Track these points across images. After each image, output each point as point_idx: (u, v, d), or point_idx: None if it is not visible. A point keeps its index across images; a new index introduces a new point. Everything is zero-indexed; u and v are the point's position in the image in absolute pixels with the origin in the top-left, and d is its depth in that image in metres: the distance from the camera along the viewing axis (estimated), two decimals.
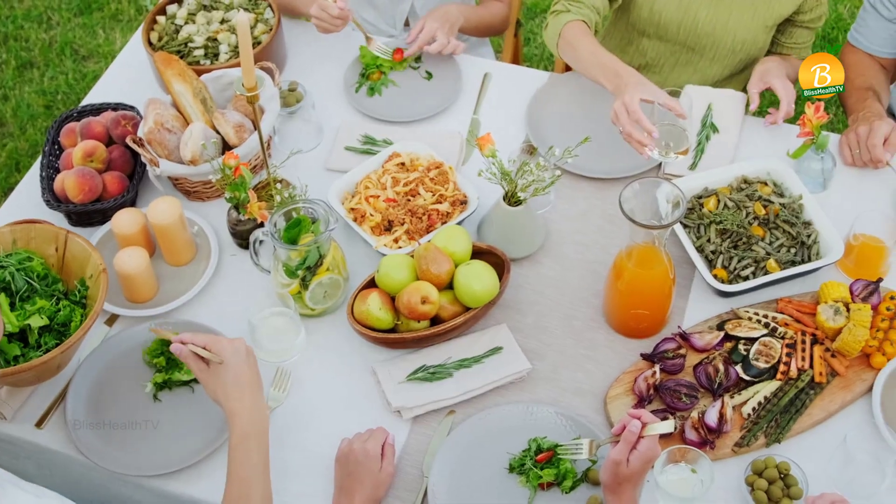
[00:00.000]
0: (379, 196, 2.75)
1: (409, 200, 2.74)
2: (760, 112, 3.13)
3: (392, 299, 2.52)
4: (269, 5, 3.20)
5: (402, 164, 2.83)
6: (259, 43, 3.10)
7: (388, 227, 2.71)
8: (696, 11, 3.09)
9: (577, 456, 2.30)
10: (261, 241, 2.62)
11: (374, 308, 2.48)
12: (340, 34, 3.22)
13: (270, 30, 3.12)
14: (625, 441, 2.11)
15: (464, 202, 2.76)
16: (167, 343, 2.48)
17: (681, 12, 3.10)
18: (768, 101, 4.02)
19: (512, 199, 2.62)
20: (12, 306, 2.43)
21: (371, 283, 2.57)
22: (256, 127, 2.61)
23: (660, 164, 2.91)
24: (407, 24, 3.52)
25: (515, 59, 3.83)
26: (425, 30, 3.14)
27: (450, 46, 3.14)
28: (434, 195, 2.75)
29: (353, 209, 2.74)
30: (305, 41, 3.31)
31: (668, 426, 2.11)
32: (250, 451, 2.14)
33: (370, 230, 2.71)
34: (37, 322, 2.40)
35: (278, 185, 2.75)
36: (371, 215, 2.72)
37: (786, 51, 3.24)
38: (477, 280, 2.49)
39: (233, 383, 2.18)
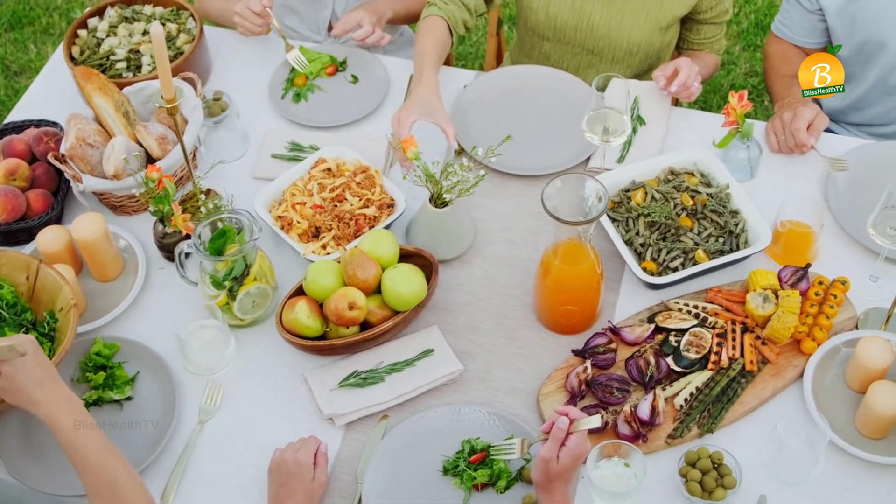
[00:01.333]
0: (305, 203, 2.73)
1: (336, 206, 2.72)
2: (697, 104, 3.15)
3: (320, 306, 2.50)
4: (192, 15, 3.17)
5: (329, 169, 2.81)
6: (181, 53, 3.07)
7: (316, 233, 2.69)
8: (589, 14, 3.11)
9: (510, 456, 2.30)
10: (187, 254, 2.60)
11: (302, 316, 2.46)
12: (266, 40, 3.21)
13: (193, 39, 3.09)
14: (553, 438, 2.10)
15: (391, 205, 2.74)
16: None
17: (575, 16, 3.12)
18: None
19: (438, 201, 2.61)
20: None
21: (300, 291, 2.55)
22: (179, 138, 2.59)
23: (588, 159, 2.91)
24: (330, 28, 3.50)
25: (446, 59, 3.81)
26: (352, 16, 3.14)
27: (374, 36, 3.14)
28: (361, 200, 2.73)
29: (280, 217, 2.72)
30: (230, 50, 3.28)
31: (595, 421, 2.11)
32: (91, 437, 2.06)
33: (298, 238, 2.69)
34: None
35: (203, 196, 2.73)
36: (298, 222, 2.70)
37: (698, 47, 3.28)
38: (404, 283, 2.47)
39: (46, 377, 2.07)
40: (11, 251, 2.57)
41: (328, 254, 2.64)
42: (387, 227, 2.69)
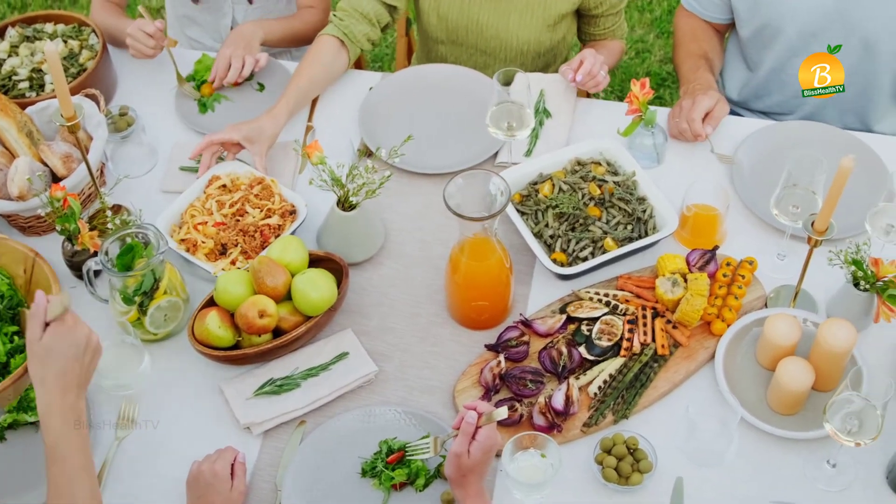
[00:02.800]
0: (207, 222, 2.72)
1: (238, 221, 2.72)
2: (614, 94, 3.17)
3: (232, 316, 2.50)
4: (94, 31, 3.15)
5: (224, 185, 2.80)
6: (84, 70, 3.05)
7: (223, 250, 2.68)
8: (477, 15, 3.14)
9: (425, 455, 2.31)
10: (96, 271, 2.59)
11: (213, 326, 2.46)
12: (173, 52, 3.19)
13: (96, 55, 3.07)
14: (463, 433, 2.12)
15: (293, 212, 2.74)
16: None
17: (464, 17, 3.15)
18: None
19: (346, 205, 2.61)
20: None
21: (211, 302, 2.55)
22: (83, 156, 2.58)
23: (496, 154, 2.92)
24: None
25: (358, 63, 3.81)
26: (221, 57, 3.12)
27: (246, 68, 3.12)
28: (262, 211, 2.73)
29: (183, 240, 2.71)
30: (136, 64, 3.25)
31: (502, 412, 2.12)
32: (72, 451, 2.06)
33: (205, 257, 2.68)
34: None
35: (110, 213, 2.71)
36: (203, 242, 2.69)
37: (600, 37, 3.33)
38: (313, 288, 2.47)
39: (75, 365, 2.09)
40: (12, 241, 2.59)
41: (239, 269, 2.63)
42: (292, 234, 2.68)
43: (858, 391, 2.19)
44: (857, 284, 2.47)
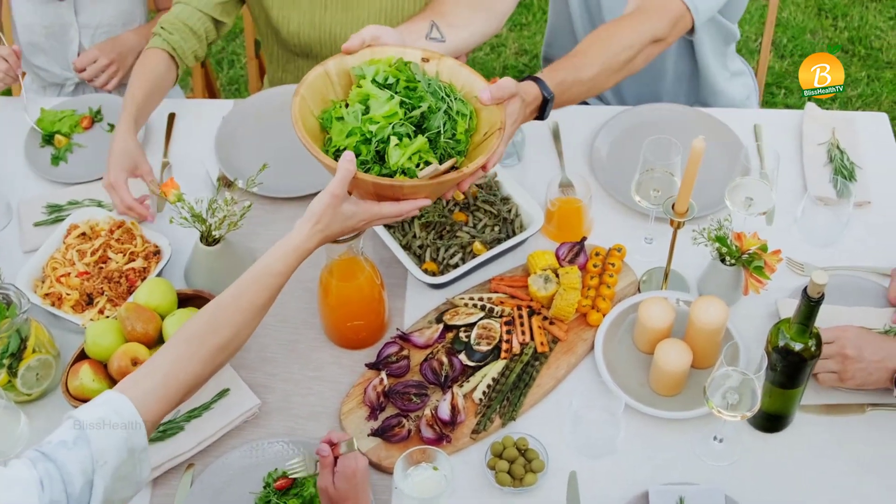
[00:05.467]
0: (70, 273, 2.66)
1: (101, 268, 2.66)
2: None
3: (105, 367, 2.45)
4: None
5: (83, 234, 2.74)
6: None
7: (90, 300, 2.62)
8: (329, 27, 3.11)
9: (302, 473, 2.27)
10: None
11: (87, 380, 2.40)
12: (17, 105, 3.11)
13: None
14: (323, 467, 2.12)
15: (157, 252, 2.70)
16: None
17: (315, 30, 3.12)
18: None
19: (209, 239, 2.58)
20: None
21: (83, 355, 2.49)
22: None
23: None
24: None
25: (210, 90, 3.77)
26: (87, 54, 3.07)
27: (106, 74, 3.07)
28: (125, 255, 2.68)
29: (47, 294, 2.64)
30: None
31: (351, 445, 2.15)
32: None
33: (72, 309, 2.62)
34: None
35: None
36: (67, 294, 2.63)
37: None
38: None
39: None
40: None
41: (108, 317, 2.58)
42: (158, 276, 2.64)
43: (735, 365, 2.23)
44: (723, 260, 2.51)
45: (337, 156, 2.18)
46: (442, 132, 2.18)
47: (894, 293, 2.58)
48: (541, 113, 2.49)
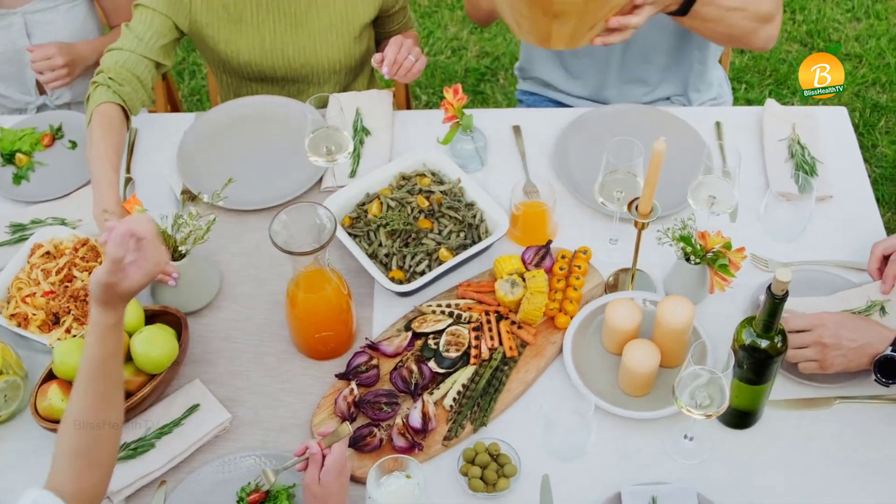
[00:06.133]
0: (35, 293, 2.64)
1: (66, 287, 2.65)
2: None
3: None
4: None
5: (48, 253, 2.72)
6: None
7: (56, 320, 2.61)
8: (281, 50, 3.11)
9: (265, 487, 2.27)
10: None
11: (56, 400, 2.39)
12: None
13: None
14: (313, 462, 2.13)
15: None
16: None
17: (269, 57, 3.12)
18: None
19: (175, 255, 2.57)
20: None
21: (51, 375, 2.47)
22: None
23: (320, 179, 2.90)
24: (40, 87, 3.42)
25: (172, 102, 3.76)
26: (44, 48, 3.08)
27: (57, 72, 3.12)
28: (90, 273, 2.66)
29: (13, 315, 2.62)
30: None
31: (345, 429, 2.17)
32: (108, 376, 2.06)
33: (38, 329, 2.60)
34: None
35: None
36: (34, 314, 2.61)
37: (395, 34, 3.29)
38: (153, 346, 2.42)
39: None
40: None
41: (75, 336, 2.57)
42: None
43: (703, 364, 2.24)
44: (688, 259, 2.53)
45: None
46: None
47: (874, 266, 2.60)
48: (683, 7, 2.72)
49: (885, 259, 2.58)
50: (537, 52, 3.32)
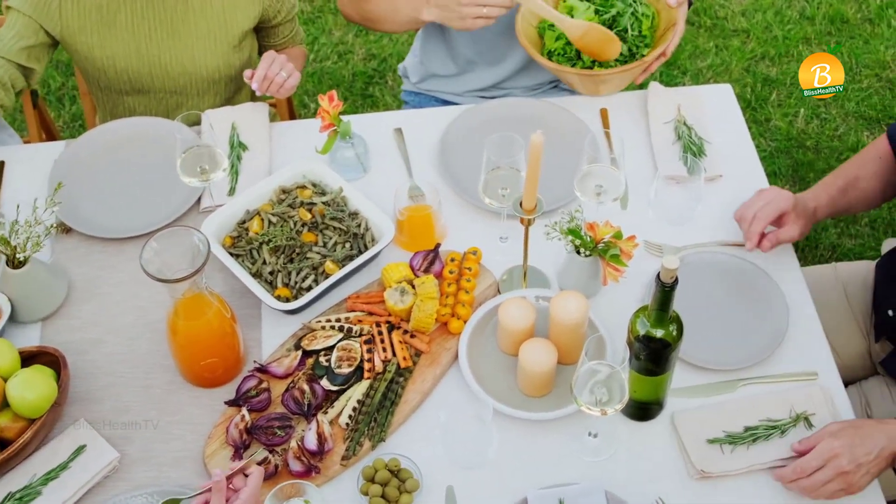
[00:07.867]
0: None
1: None
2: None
3: None
4: None
5: None
6: None
7: None
8: (157, 57, 3.02)
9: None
10: None
11: None
12: None
13: None
14: (217, 492, 2.02)
15: None
16: None
17: (145, 63, 3.02)
18: None
19: (15, 262, 2.50)
20: None
21: None
22: None
23: (198, 200, 2.80)
24: None
25: (48, 131, 3.63)
26: None
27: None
28: None
29: None
30: None
31: (259, 455, 2.13)
32: None
33: None
34: None
35: None
36: None
37: (282, 47, 3.27)
38: (29, 389, 2.31)
39: None
40: None
41: None
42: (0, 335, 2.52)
43: (603, 358, 2.19)
44: (578, 252, 2.47)
45: (550, 56, 2.95)
46: (629, 30, 2.90)
47: (741, 212, 2.63)
48: None
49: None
50: (432, 50, 3.27)
